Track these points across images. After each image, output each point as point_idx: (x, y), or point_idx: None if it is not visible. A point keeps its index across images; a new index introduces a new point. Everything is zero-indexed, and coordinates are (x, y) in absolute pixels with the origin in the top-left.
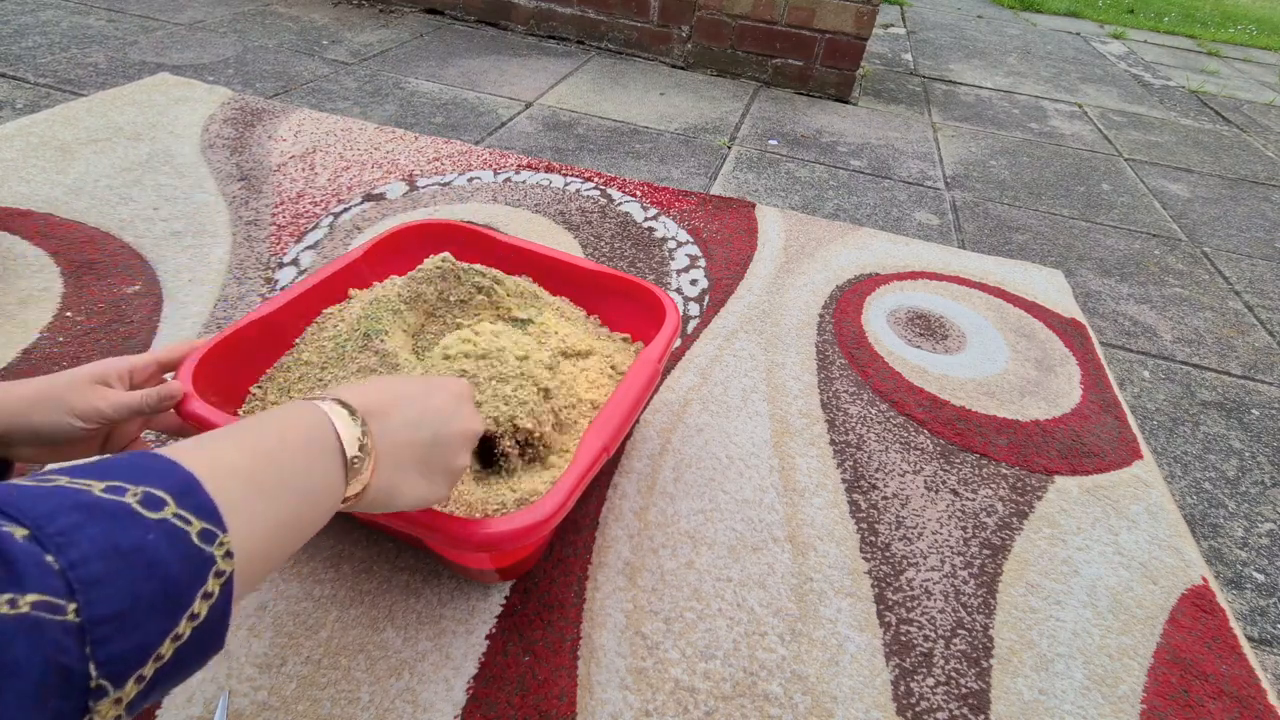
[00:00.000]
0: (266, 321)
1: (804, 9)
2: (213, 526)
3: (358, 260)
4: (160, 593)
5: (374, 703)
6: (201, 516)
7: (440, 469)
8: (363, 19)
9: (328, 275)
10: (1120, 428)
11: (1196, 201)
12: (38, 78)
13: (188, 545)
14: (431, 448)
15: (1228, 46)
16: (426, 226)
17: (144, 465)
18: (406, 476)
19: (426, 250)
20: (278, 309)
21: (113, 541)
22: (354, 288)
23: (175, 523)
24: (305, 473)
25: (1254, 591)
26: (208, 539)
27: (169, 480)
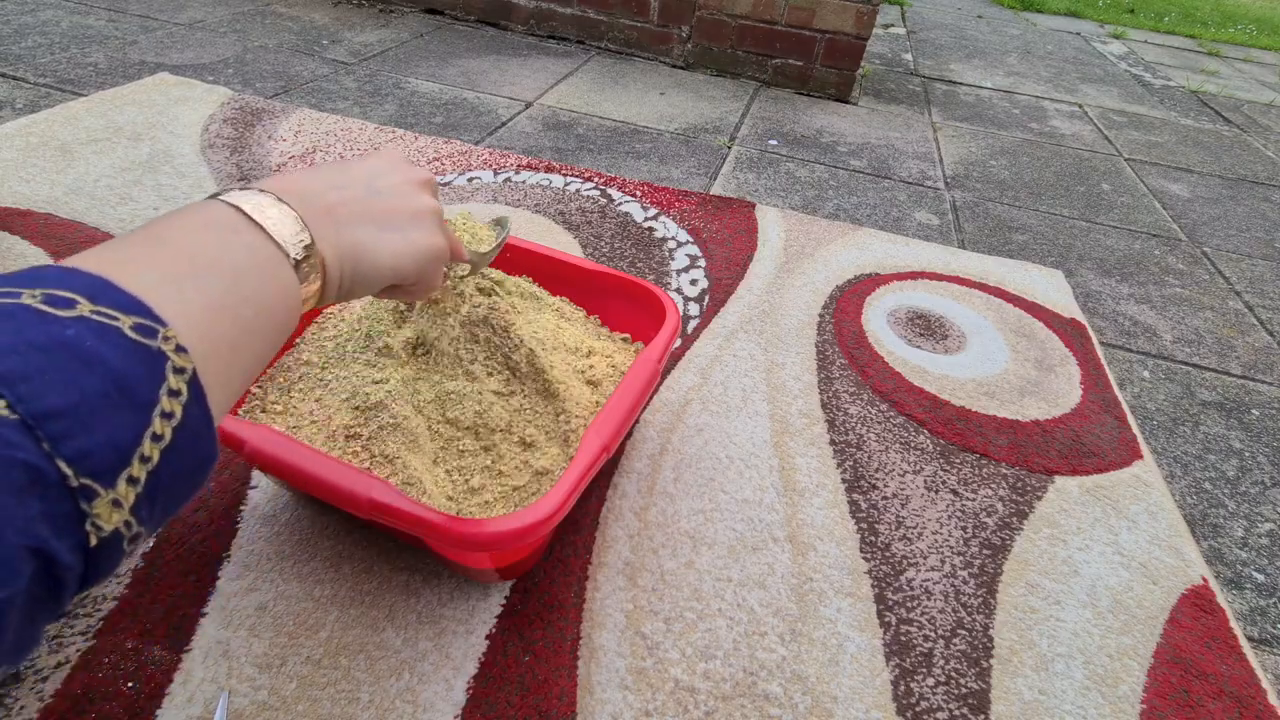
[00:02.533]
0: None
1: (804, 9)
2: (146, 320)
3: None
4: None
5: (374, 703)
6: (129, 311)
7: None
8: (363, 19)
9: None
10: (1120, 428)
11: (1196, 201)
12: (38, 78)
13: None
14: (370, 199)
15: (1228, 46)
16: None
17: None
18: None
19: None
20: None
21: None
22: None
23: (96, 319)
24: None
25: (1254, 591)
26: (146, 333)
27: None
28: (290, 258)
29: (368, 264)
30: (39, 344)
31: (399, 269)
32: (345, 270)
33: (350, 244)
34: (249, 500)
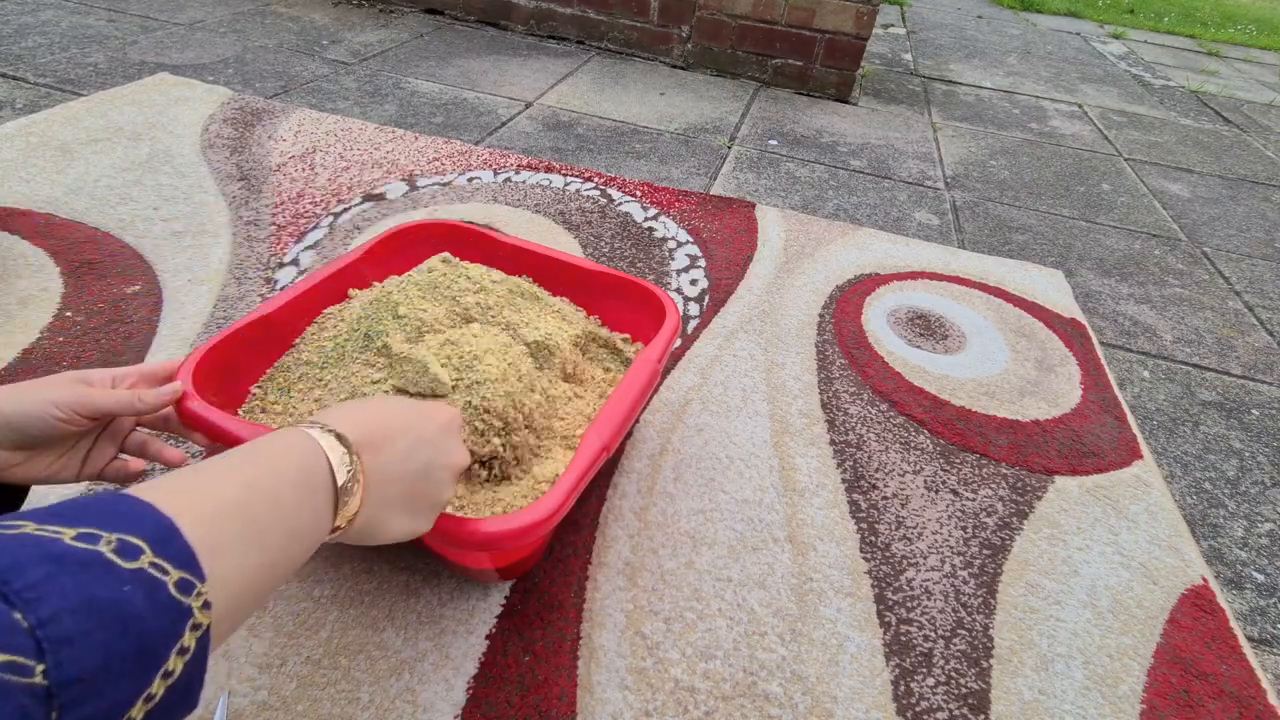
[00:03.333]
0: (266, 321)
1: (804, 9)
2: (191, 576)
3: (358, 260)
4: (134, 650)
5: (374, 703)
6: (179, 565)
7: (426, 503)
8: (363, 19)
9: (328, 275)
10: (1120, 428)
11: (1196, 201)
12: (38, 78)
13: (164, 597)
14: (419, 481)
15: (1228, 46)
16: (427, 226)
17: (119, 509)
18: (392, 512)
19: (426, 250)
20: (278, 309)
21: (86, 595)
22: (354, 287)
23: (151, 572)
24: (296, 510)
25: (1254, 591)
26: (185, 589)
27: (146, 526)
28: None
29: (376, 537)
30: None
31: (388, 542)
32: (361, 533)
33: (381, 519)
34: None
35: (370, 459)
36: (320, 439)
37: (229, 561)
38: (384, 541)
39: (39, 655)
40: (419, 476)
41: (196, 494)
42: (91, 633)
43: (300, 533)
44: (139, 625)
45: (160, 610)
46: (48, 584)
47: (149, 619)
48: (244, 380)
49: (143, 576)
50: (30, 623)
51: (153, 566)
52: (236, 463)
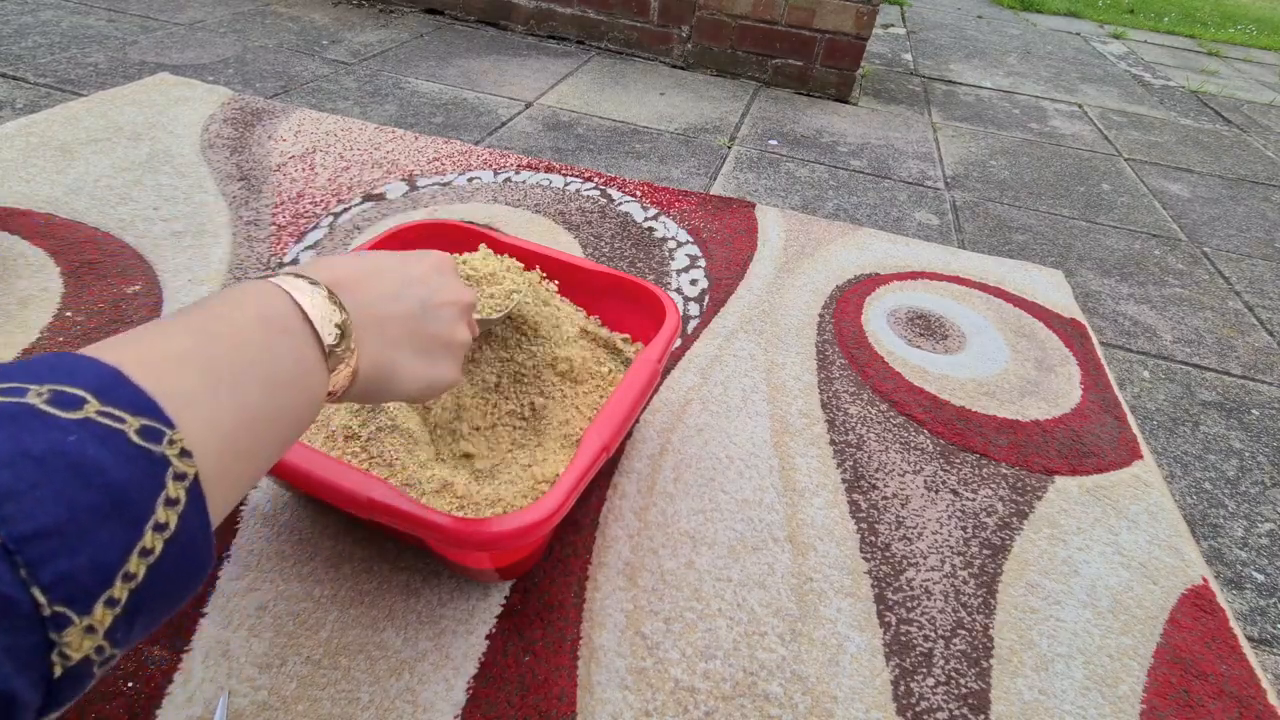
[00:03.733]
0: None
1: (804, 9)
2: (154, 422)
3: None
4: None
5: (374, 703)
6: (136, 411)
7: (438, 344)
8: (363, 19)
9: None
10: (1120, 428)
11: (1196, 201)
12: (38, 78)
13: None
14: (420, 319)
15: (1228, 46)
16: (428, 226)
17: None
18: (400, 353)
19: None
20: None
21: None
22: None
23: (102, 421)
24: (267, 355)
25: (1254, 591)
26: (151, 436)
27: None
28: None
29: (393, 384)
30: (35, 454)
31: (413, 394)
32: (371, 383)
33: (388, 362)
34: (249, 500)
35: (351, 296)
36: (281, 282)
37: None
38: (407, 392)
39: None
40: (417, 315)
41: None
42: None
43: (283, 380)
44: (100, 476)
45: (125, 459)
46: None
47: (111, 469)
48: None
49: (91, 426)
50: None
51: (102, 415)
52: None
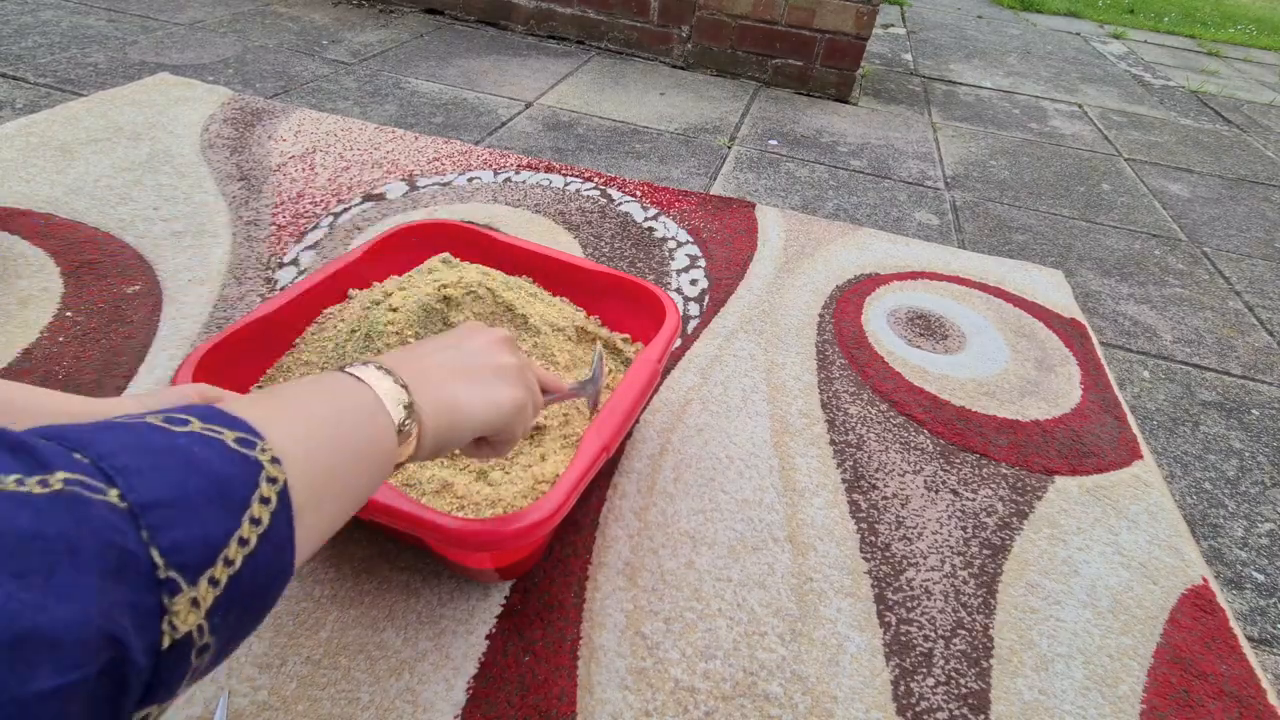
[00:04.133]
0: (266, 321)
1: (804, 9)
2: (247, 435)
3: (358, 259)
4: (211, 486)
5: (374, 703)
6: (231, 427)
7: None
8: (363, 19)
9: (328, 274)
10: (1120, 428)
11: (1196, 201)
12: (38, 78)
13: (225, 448)
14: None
15: (1228, 46)
16: (427, 226)
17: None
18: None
19: (426, 250)
20: (278, 308)
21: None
22: (354, 287)
23: (205, 433)
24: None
25: (1254, 591)
26: (246, 445)
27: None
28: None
29: (462, 417)
30: (153, 447)
31: (489, 421)
32: (441, 424)
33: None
34: None
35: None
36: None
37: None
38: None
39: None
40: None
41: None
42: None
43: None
44: (206, 466)
45: (225, 458)
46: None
47: (215, 462)
48: (245, 380)
49: (196, 435)
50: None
51: (205, 429)
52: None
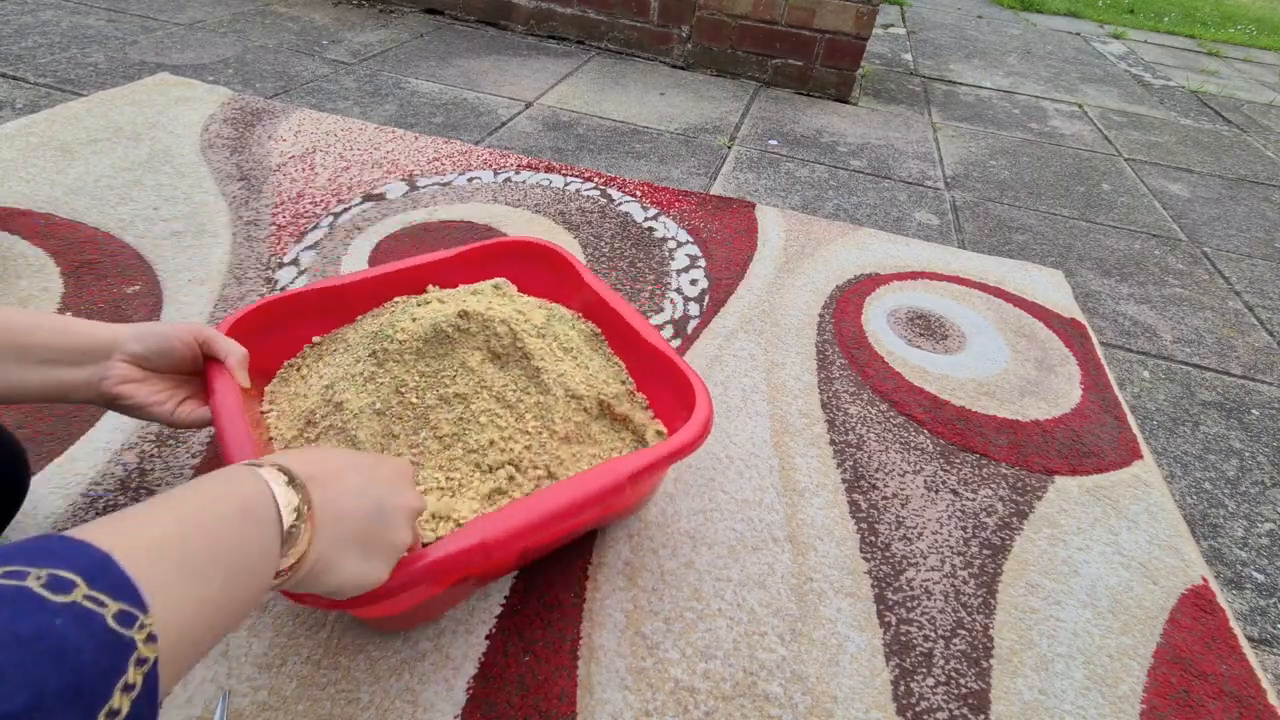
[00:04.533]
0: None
1: (804, 9)
2: (131, 608)
3: (449, 260)
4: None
5: (374, 703)
6: (118, 597)
7: (382, 546)
8: (363, 19)
9: (410, 266)
10: (1120, 428)
11: (1196, 201)
12: (38, 78)
13: (102, 630)
14: (373, 521)
15: (1228, 46)
16: (526, 245)
17: (49, 547)
18: (346, 551)
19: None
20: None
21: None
22: (435, 285)
23: (87, 605)
24: (240, 546)
25: (1254, 591)
26: (126, 622)
27: (78, 561)
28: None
29: (329, 576)
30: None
31: (342, 589)
32: (312, 573)
33: (334, 558)
34: None
35: (319, 493)
36: (265, 474)
37: (171, 595)
38: (335, 587)
39: None
40: (372, 516)
41: (130, 530)
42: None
43: (246, 570)
44: (73, 659)
45: (99, 645)
46: None
47: (85, 652)
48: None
49: (76, 610)
50: None
51: (88, 599)
52: (174, 499)
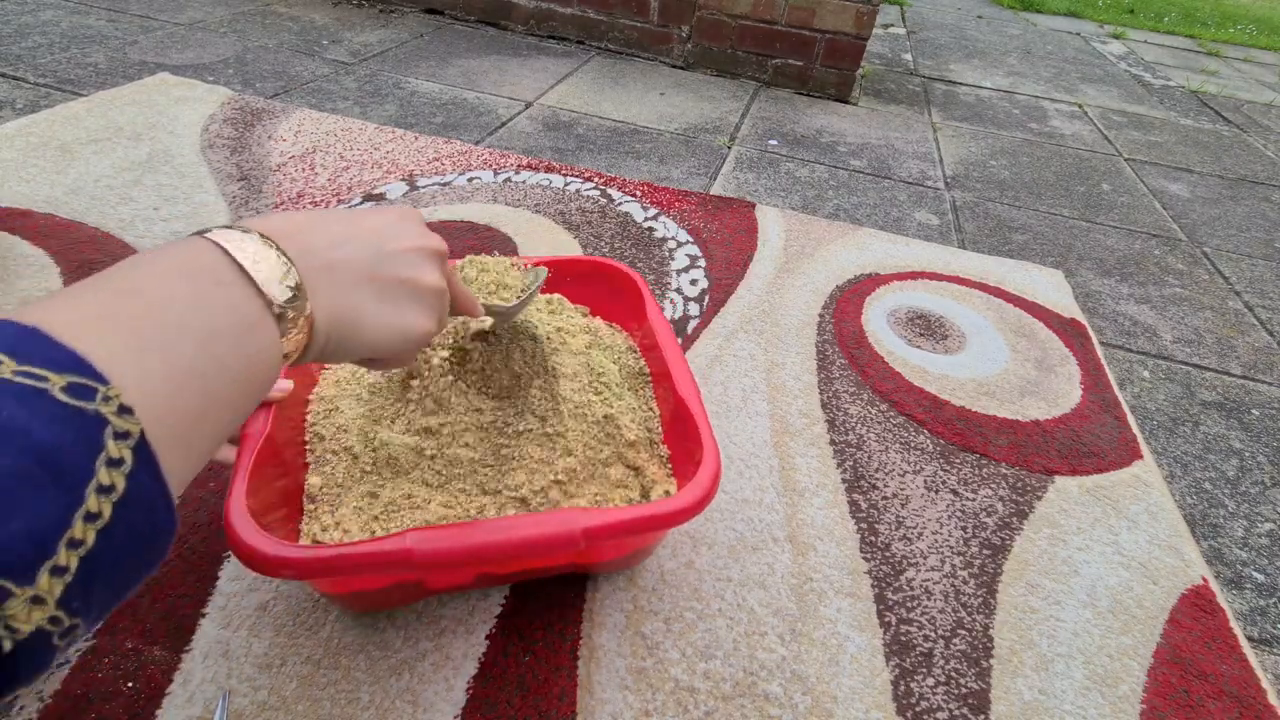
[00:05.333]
0: None
1: (804, 9)
2: (83, 379)
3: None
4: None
5: (374, 703)
6: (60, 369)
7: (404, 288)
8: (363, 19)
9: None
10: (1120, 428)
11: (1196, 201)
12: (38, 78)
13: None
14: (377, 263)
15: (1228, 46)
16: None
17: None
18: (360, 299)
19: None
20: None
21: None
22: None
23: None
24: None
25: (1254, 591)
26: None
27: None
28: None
29: (359, 333)
30: None
31: (382, 345)
32: (332, 335)
33: (348, 309)
34: None
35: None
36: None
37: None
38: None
39: None
40: (372, 260)
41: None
42: None
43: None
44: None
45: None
46: None
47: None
48: None
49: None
50: None
51: (19, 375)
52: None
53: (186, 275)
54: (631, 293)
